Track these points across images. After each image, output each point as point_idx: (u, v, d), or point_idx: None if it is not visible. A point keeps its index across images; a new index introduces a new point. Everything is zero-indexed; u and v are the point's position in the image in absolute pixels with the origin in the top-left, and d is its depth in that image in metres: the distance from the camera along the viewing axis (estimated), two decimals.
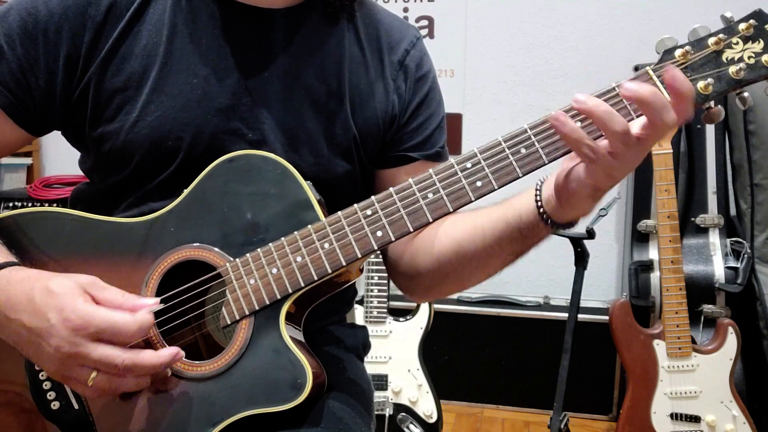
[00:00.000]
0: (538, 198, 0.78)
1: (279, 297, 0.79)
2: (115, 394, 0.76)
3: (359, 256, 0.77)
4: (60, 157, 2.82)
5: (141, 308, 0.75)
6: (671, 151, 1.89)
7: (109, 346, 0.72)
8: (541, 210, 0.78)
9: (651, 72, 0.72)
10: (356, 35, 0.97)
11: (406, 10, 2.64)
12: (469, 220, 0.87)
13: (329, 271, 0.78)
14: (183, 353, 0.77)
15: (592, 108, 0.68)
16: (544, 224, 0.78)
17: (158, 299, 0.78)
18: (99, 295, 0.75)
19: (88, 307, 0.72)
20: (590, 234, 1.80)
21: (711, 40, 0.72)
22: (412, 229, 0.76)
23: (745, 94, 0.72)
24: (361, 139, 0.94)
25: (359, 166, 0.96)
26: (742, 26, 0.71)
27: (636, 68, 2.36)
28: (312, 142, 0.91)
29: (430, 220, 0.76)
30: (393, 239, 0.77)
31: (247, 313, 0.80)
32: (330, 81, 0.92)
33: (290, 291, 0.79)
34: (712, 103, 0.72)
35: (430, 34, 2.62)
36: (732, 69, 0.71)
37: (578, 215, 0.78)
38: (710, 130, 2.19)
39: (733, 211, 2.23)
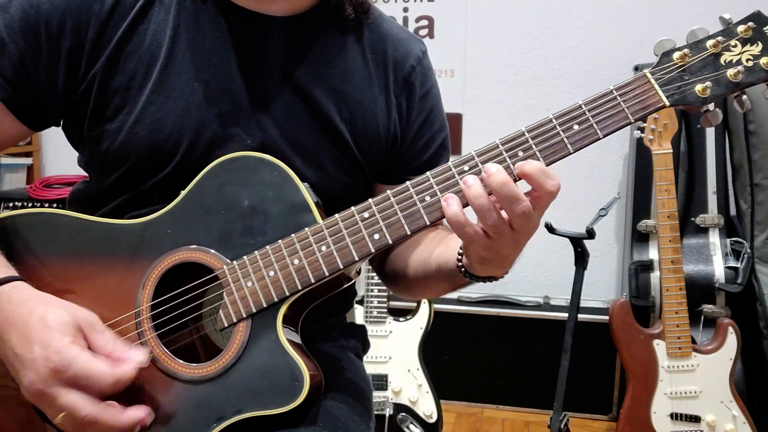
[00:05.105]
0: (461, 251, 0.81)
1: (276, 300, 0.79)
2: None
3: (356, 259, 0.77)
4: (60, 157, 2.82)
5: (126, 362, 0.74)
6: (671, 151, 1.88)
7: (79, 395, 0.71)
8: (460, 263, 0.81)
9: (649, 75, 0.72)
10: (362, 48, 0.96)
11: (406, 10, 2.63)
12: (421, 245, 0.93)
13: (326, 274, 0.78)
14: (152, 417, 0.77)
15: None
16: (462, 276, 0.81)
17: (146, 356, 0.76)
18: (90, 338, 0.75)
19: (73, 350, 0.71)
20: (590, 234, 1.80)
21: (709, 43, 0.71)
22: (409, 233, 0.76)
23: (743, 97, 0.72)
24: (362, 156, 0.94)
25: (361, 179, 0.96)
26: (740, 28, 0.71)
27: (636, 68, 2.36)
28: (312, 155, 0.91)
29: (427, 223, 0.76)
30: (390, 242, 0.77)
31: (244, 315, 0.80)
32: (332, 95, 0.92)
33: (287, 294, 0.79)
34: (710, 106, 0.72)
35: (430, 34, 2.61)
36: (730, 72, 0.70)
37: (491, 274, 0.80)
38: (710, 129, 2.19)
39: (733, 211, 2.23)
